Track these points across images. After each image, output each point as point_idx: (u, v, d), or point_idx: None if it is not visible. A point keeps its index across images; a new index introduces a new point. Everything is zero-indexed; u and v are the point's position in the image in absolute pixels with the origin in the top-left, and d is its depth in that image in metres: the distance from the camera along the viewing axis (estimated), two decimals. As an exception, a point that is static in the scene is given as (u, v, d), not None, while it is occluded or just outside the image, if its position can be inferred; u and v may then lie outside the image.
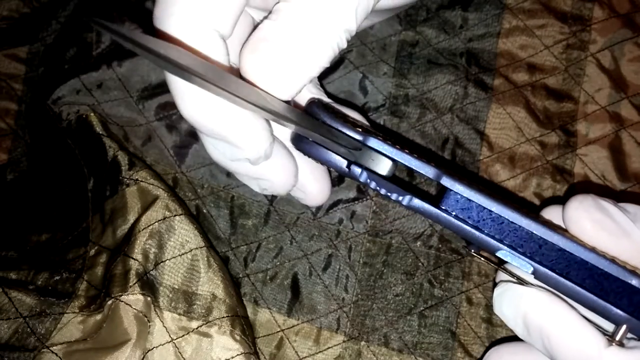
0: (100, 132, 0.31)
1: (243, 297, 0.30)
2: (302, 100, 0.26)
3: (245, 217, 0.32)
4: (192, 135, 0.32)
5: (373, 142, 0.23)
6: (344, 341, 0.30)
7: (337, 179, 0.32)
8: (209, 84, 0.18)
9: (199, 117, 0.22)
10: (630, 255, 0.20)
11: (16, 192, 0.33)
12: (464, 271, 0.31)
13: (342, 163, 0.23)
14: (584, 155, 0.32)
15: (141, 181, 0.29)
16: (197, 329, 0.27)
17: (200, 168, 0.32)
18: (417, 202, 0.22)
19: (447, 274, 0.31)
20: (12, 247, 0.30)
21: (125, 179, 0.29)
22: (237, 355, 0.27)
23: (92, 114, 0.31)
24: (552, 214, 0.22)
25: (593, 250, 0.20)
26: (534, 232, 0.20)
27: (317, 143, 0.23)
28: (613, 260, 0.20)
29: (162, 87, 0.32)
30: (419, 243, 0.31)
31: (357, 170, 0.23)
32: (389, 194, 0.23)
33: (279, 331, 0.30)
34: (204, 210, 0.32)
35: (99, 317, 0.27)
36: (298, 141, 0.24)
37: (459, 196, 0.21)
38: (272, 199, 0.32)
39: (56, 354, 0.26)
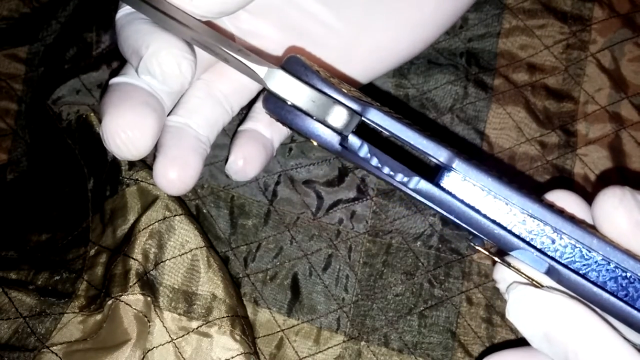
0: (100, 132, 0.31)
1: (243, 297, 0.31)
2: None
3: (245, 217, 0.32)
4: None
5: (372, 114, 0.18)
6: (344, 341, 0.30)
7: (337, 179, 0.32)
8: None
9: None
10: None
11: (16, 192, 0.33)
12: (464, 271, 0.31)
13: (333, 138, 0.19)
14: (584, 155, 0.32)
15: (141, 181, 0.29)
16: (197, 329, 0.27)
17: (200, 168, 0.32)
18: (424, 186, 0.18)
19: (447, 274, 0.31)
20: (12, 247, 0.30)
21: (125, 179, 0.29)
22: (237, 355, 0.27)
23: (92, 114, 0.31)
24: (558, 196, 0.19)
25: (621, 248, 0.17)
26: (549, 222, 0.17)
27: (297, 108, 0.18)
28: None
29: (162, 87, 0.32)
30: (419, 243, 0.31)
31: (356, 143, 0.18)
32: (392, 174, 0.18)
33: (279, 331, 0.30)
34: (204, 210, 0.32)
35: (99, 317, 0.27)
36: (273, 105, 0.19)
37: (462, 179, 0.18)
38: (272, 199, 0.32)
39: (56, 354, 0.26)
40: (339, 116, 0.18)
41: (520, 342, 0.21)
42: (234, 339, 0.27)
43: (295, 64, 0.19)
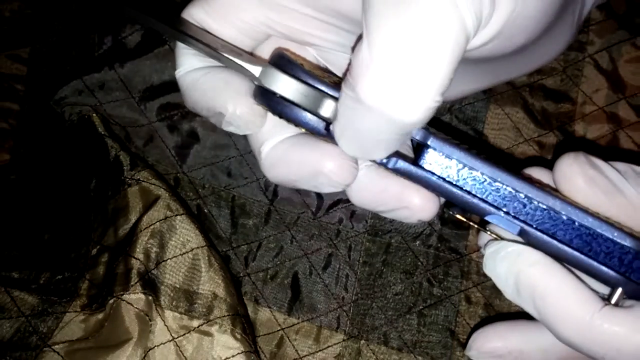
0: (103, 133, 0.31)
1: (244, 296, 0.31)
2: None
3: (246, 216, 0.32)
4: (193, 135, 0.32)
5: None
6: (343, 340, 0.30)
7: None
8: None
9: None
10: (624, 214, 0.19)
11: (19, 191, 0.33)
12: (462, 270, 0.31)
13: (319, 123, 0.20)
14: (581, 155, 0.33)
15: (143, 181, 0.29)
16: (198, 327, 0.27)
17: (202, 168, 0.32)
18: (402, 164, 0.20)
19: (446, 273, 0.31)
20: (15, 247, 0.30)
21: (127, 179, 0.29)
22: (238, 353, 0.27)
23: (94, 115, 0.31)
24: (535, 171, 0.21)
25: (582, 208, 0.19)
26: (518, 190, 0.19)
27: (285, 99, 0.20)
28: (605, 220, 0.19)
29: (164, 88, 0.32)
30: (418, 242, 0.31)
31: None
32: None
33: (279, 330, 0.30)
34: (205, 210, 0.32)
35: (100, 316, 0.27)
36: (263, 96, 0.20)
37: (438, 155, 0.20)
38: (272, 198, 0.32)
39: (58, 353, 0.26)
40: (321, 104, 0.20)
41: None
42: (235, 338, 0.27)
43: (281, 58, 0.20)
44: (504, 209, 0.19)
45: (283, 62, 0.20)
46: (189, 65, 0.22)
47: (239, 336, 0.27)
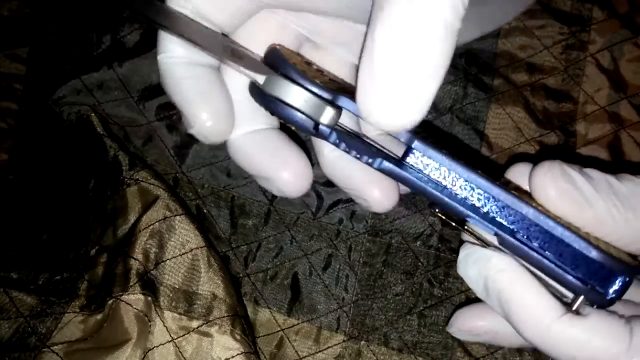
0: (101, 132, 0.31)
1: (243, 296, 0.31)
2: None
3: (246, 217, 0.32)
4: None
5: (343, 102, 0.21)
6: (344, 340, 0.30)
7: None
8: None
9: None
10: (593, 226, 0.20)
11: (17, 192, 0.33)
12: (463, 271, 0.31)
13: (309, 122, 0.21)
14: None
15: (142, 181, 0.29)
16: (197, 328, 0.27)
17: (201, 168, 0.32)
18: (387, 165, 0.21)
19: (446, 274, 0.31)
20: (13, 247, 0.30)
21: (126, 179, 0.29)
22: (238, 354, 0.27)
23: (92, 114, 0.31)
24: (519, 171, 0.22)
25: (555, 218, 0.20)
26: (497, 196, 0.20)
27: (278, 99, 0.21)
28: (574, 231, 0.20)
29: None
30: (418, 243, 0.31)
31: (325, 130, 0.21)
32: (358, 157, 0.21)
33: (279, 331, 0.30)
34: (205, 210, 0.32)
35: (99, 316, 0.27)
36: (257, 94, 0.21)
37: (422, 157, 0.21)
38: (272, 199, 0.32)
39: (57, 354, 0.26)
40: (321, 111, 0.21)
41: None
42: (235, 339, 0.27)
43: (276, 57, 0.22)
44: (481, 213, 0.20)
45: (277, 59, 0.21)
46: (172, 51, 0.22)
47: (239, 337, 0.27)
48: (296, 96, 0.21)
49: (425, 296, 0.30)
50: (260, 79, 0.21)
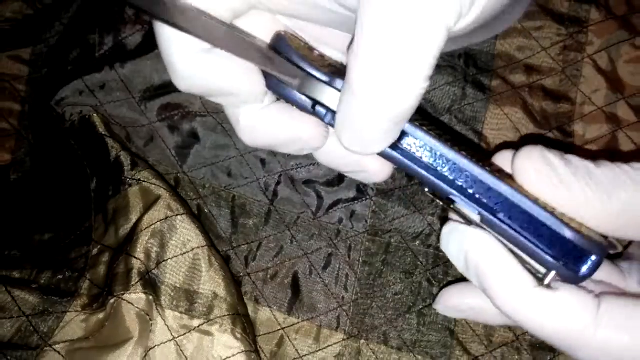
0: (103, 133, 0.31)
1: (244, 295, 0.31)
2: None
3: (246, 216, 0.32)
4: (194, 136, 0.32)
5: (340, 84, 0.22)
6: (343, 339, 0.30)
7: (337, 179, 0.32)
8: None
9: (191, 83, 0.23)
10: (569, 207, 0.21)
11: (20, 192, 0.33)
12: (462, 270, 0.31)
13: (307, 103, 0.22)
14: (581, 155, 0.33)
15: (143, 181, 0.29)
16: (198, 327, 0.27)
17: (202, 168, 0.32)
18: None
19: (445, 273, 0.31)
20: (16, 247, 0.30)
21: (128, 179, 0.30)
22: (238, 353, 0.27)
23: (95, 115, 0.31)
24: (504, 156, 0.23)
25: (534, 200, 0.21)
26: (481, 179, 0.21)
27: (278, 79, 0.22)
28: (551, 211, 0.21)
29: (165, 89, 0.33)
30: (417, 242, 0.31)
31: (322, 111, 0.22)
32: None
33: (279, 329, 0.30)
34: (206, 210, 0.32)
35: (101, 315, 0.27)
36: (267, 79, 0.23)
37: (414, 140, 0.22)
38: (272, 199, 0.32)
39: (59, 352, 0.26)
40: (311, 88, 0.22)
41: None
42: (235, 337, 0.27)
43: (282, 42, 0.23)
44: (466, 193, 0.22)
45: (282, 45, 0.23)
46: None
47: (240, 336, 0.27)
48: (328, 96, 0.22)
49: (424, 295, 0.31)
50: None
